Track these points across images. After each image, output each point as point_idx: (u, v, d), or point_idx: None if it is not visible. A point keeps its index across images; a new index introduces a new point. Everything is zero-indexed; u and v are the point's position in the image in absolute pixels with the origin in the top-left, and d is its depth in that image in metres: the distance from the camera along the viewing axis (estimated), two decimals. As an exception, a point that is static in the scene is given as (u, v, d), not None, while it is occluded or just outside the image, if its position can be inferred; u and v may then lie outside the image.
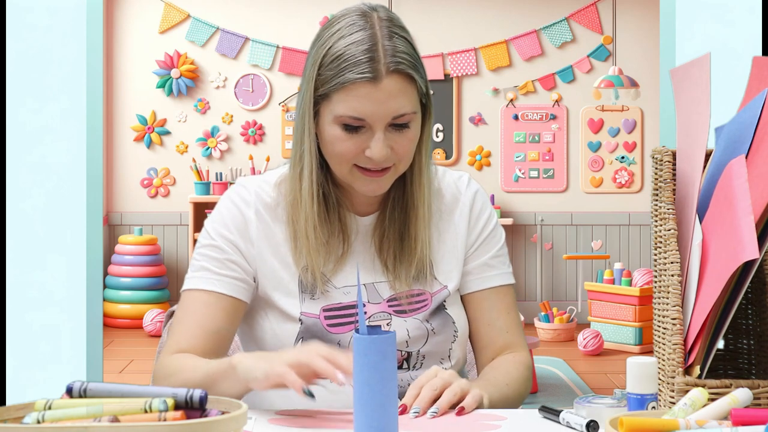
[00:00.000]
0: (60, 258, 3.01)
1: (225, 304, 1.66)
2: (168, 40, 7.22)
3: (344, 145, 1.58)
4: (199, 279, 1.67)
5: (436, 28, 7.18)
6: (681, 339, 1.38)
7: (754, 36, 2.64)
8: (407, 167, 1.64)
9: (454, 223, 1.74)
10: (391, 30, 1.59)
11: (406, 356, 1.68)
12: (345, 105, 1.56)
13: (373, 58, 1.55)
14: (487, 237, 1.76)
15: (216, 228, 1.69)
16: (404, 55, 1.58)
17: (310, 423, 1.47)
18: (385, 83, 1.55)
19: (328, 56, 1.57)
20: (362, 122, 1.57)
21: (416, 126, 1.61)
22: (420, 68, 1.61)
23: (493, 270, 1.75)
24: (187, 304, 1.67)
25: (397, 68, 1.56)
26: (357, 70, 1.55)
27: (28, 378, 2.95)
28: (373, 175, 1.60)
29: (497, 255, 1.76)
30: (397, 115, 1.57)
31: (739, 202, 1.35)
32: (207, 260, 1.67)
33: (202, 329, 1.64)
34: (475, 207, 1.76)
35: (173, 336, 1.66)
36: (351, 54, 1.55)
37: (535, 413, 1.50)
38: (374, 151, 1.57)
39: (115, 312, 6.74)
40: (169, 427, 1.11)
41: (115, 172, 7.25)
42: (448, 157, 7.25)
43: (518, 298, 7.21)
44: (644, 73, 7.08)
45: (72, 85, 3.01)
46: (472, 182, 1.78)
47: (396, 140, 1.59)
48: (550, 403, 2.22)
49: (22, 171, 2.95)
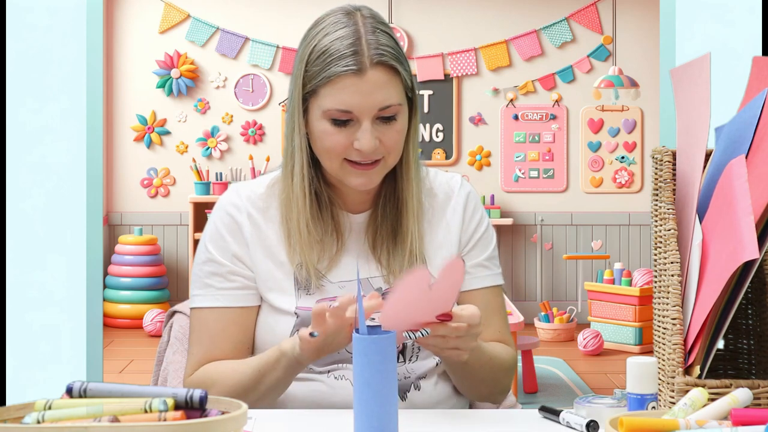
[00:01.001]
0: (60, 258, 3.01)
1: (234, 316, 1.68)
2: (168, 40, 7.22)
3: (333, 139, 1.60)
4: (205, 297, 1.69)
5: (436, 28, 7.18)
6: (681, 339, 1.38)
7: (754, 36, 2.64)
8: (396, 161, 1.66)
9: (446, 220, 1.75)
10: (374, 26, 1.63)
11: (401, 348, 1.69)
12: (332, 98, 1.59)
13: (357, 51, 1.58)
14: (482, 237, 1.77)
15: (213, 241, 1.70)
16: (387, 48, 1.61)
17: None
18: (370, 75, 1.58)
19: (314, 53, 1.61)
20: (350, 115, 1.59)
21: (403, 119, 1.64)
22: (404, 62, 1.64)
23: (487, 270, 1.77)
24: (200, 324, 1.69)
25: (380, 60, 1.59)
26: (342, 64, 1.58)
27: (28, 378, 2.95)
28: (363, 168, 1.62)
29: (491, 257, 1.78)
30: (383, 106, 1.59)
31: (739, 202, 1.35)
32: (209, 276, 1.69)
33: (220, 347, 1.67)
34: (468, 206, 1.77)
35: (195, 353, 1.69)
36: (336, 49, 1.59)
37: (535, 413, 1.50)
38: (363, 143, 1.59)
39: (115, 312, 6.74)
40: (169, 427, 1.11)
41: (115, 172, 7.25)
42: (448, 157, 7.25)
43: (518, 298, 7.23)
44: (644, 73, 7.08)
45: (72, 85, 3.01)
46: (465, 183, 1.80)
47: (384, 132, 1.61)
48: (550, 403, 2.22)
49: (22, 171, 2.95)
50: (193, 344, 1.70)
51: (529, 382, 5.14)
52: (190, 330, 1.72)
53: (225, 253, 1.69)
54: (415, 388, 1.68)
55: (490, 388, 1.70)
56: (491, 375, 1.68)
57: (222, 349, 1.67)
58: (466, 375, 1.66)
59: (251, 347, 1.70)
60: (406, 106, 1.65)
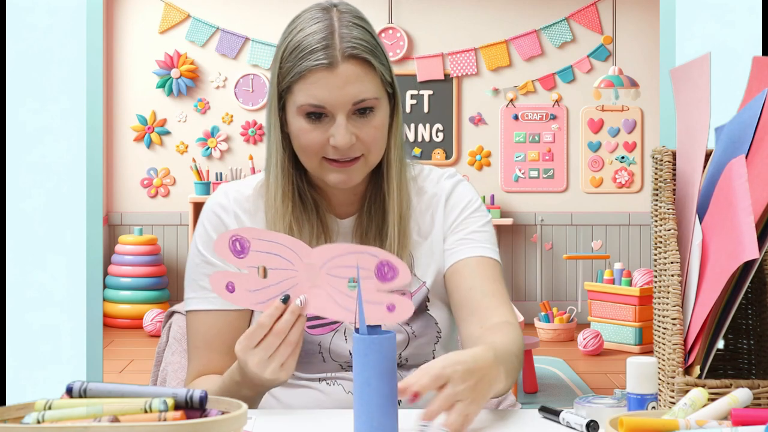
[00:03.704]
0: (60, 258, 3.01)
1: (230, 318, 1.67)
2: (168, 40, 7.22)
3: (309, 136, 1.58)
4: (200, 300, 1.68)
5: (436, 28, 7.18)
6: (681, 339, 1.38)
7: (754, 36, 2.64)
8: (378, 158, 1.63)
9: (432, 217, 1.72)
10: (349, 20, 1.60)
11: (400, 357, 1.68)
12: (304, 94, 1.57)
13: (329, 45, 1.56)
14: (466, 218, 1.71)
15: (203, 243, 1.69)
16: (360, 41, 1.58)
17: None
18: (342, 69, 1.56)
19: (287, 49, 1.60)
20: (323, 109, 1.57)
21: (382, 114, 1.61)
22: (380, 56, 1.60)
23: (472, 243, 1.69)
24: (195, 328, 1.68)
25: (352, 53, 1.57)
26: (313, 58, 1.56)
27: (28, 378, 2.95)
28: (341, 165, 1.60)
29: (477, 231, 1.70)
30: (357, 100, 1.57)
31: (739, 202, 1.35)
32: (203, 278, 1.68)
33: (216, 351, 1.66)
34: (452, 197, 1.72)
35: (192, 362, 1.68)
36: (307, 44, 1.57)
37: (535, 413, 1.50)
38: (337, 138, 1.56)
39: (115, 312, 6.74)
40: (169, 427, 1.11)
41: (115, 172, 7.25)
42: (448, 157, 7.25)
43: (518, 298, 7.22)
44: (644, 73, 7.08)
45: (72, 85, 3.01)
46: (456, 176, 1.75)
47: (360, 127, 1.58)
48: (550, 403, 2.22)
49: (22, 171, 2.95)
50: (191, 349, 1.69)
51: (529, 382, 5.14)
52: (187, 334, 1.71)
53: (215, 254, 1.67)
54: None
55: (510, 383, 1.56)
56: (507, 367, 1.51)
57: (218, 353, 1.66)
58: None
59: None
60: (386, 102, 1.62)
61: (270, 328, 1.42)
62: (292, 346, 1.42)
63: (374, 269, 1.39)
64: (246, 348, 1.43)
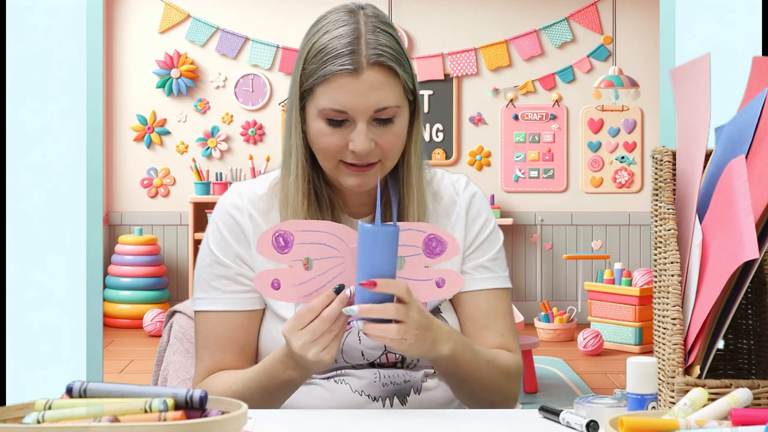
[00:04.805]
0: (60, 258, 3.01)
1: (242, 320, 1.67)
2: (168, 40, 7.22)
3: (328, 139, 1.58)
4: (211, 300, 1.67)
5: (436, 28, 7.18)
6: (681, 339, 1.38)
7: (754, 36, 2.64)
8: (394, 164, 1.63)
9: (451, 226, 1.73)
10: (375, 25, 1.59)
11: (401, 357, 1.68)
12: (327, 98, 1.56)
13: (355, 51, 1.55)
14: (485, 240, 1.74)
15: (216, 242, 1.68)
16: (386, 48, 1.57)
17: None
18: (366, 75, 1.55)
19: (312, 50, 1.58)
20: (345, 115, 1.56)
21: (402, 121, 1.60)
22: (404, 63, 1.60)
23: (490, 272, 1.73)
24: (205, 328, 1.68)
25: (378, 60, 1.56)
26: (338, 62, 1.55)
27: (28, 378, 2.95)
28: (358, 170, 1.60)
29: (495, 258, 1.74)
30: (379, 108, 1.56)
31: (739, 202, 1.35)
32: (214, 279, 1.67)
33: (226, 352, 1.66)
34: (472, 209, 1.74)
35: (201, 361, 1.68)
36: (333, 47, 1.56)
37: (535, 413, 1.50)
38: (356, 144, 1.56)
39: (115, 312, 6.74)
40: (169, 427, 1.11)
41: (115, 172, 7.25)
42: (448, 157, 7.25)
43: (518, 298, 7.22)
44: (644, 73, 7.08)
45: (72, 85, 3.01)
46: (470, 185, 1.76)
47: (380, 135, 1.58)
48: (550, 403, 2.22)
49: (22, 171, 2.95)
50: (200, 349, 1.68)
51: (529, 382, 5.14)
52: (196, 334, 1.70)
53: (229, 254, 1.67)
54: (416, 392, 1.66)
55: (492, 394, 1.65)
56: (490, 380, 1.63)
57: (229, 354, 1.66)
58: (460, 379, 1.62)
59: (255, 350, 1.69)
60: (407, 109, 1.61)
61: (318, 313, 1.45)
62: (334, 332, 1.46)
63: (422, 245, 1.43)
64: (293, 329, 1.47)
